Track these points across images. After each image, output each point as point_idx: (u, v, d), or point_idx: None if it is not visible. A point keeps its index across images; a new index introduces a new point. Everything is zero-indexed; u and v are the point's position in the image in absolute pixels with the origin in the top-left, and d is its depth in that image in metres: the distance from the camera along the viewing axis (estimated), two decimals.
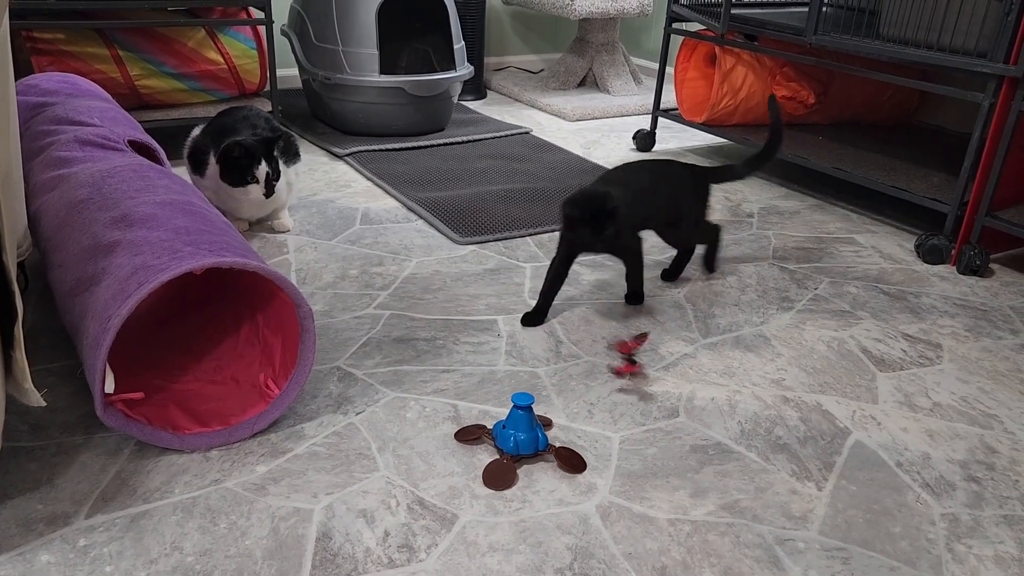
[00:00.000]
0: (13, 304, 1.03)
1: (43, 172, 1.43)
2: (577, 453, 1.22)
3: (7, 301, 1.04)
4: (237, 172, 1.77)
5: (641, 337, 1.43)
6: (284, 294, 1.23)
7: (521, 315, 1.62)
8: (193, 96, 2.45)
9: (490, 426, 1.26)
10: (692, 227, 1.75)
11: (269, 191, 1.80)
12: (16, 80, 1.68)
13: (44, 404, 1.06)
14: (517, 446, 1.19)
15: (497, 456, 1.21)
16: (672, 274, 1.83)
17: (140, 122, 2.24)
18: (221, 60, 2.44)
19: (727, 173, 1.78)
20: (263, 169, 1.76)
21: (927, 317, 1.72)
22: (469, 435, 1.25)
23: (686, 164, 1.72)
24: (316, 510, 1.09)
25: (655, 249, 1.96)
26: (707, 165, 1.74)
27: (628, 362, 1.41)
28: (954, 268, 1.97)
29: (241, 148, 1.76)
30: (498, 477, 1.16)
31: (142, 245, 1.16)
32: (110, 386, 1.11)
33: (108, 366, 1.09)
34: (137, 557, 1.00)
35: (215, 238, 1.21)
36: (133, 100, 2.35)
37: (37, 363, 1.37)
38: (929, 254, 1.99)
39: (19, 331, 1.02)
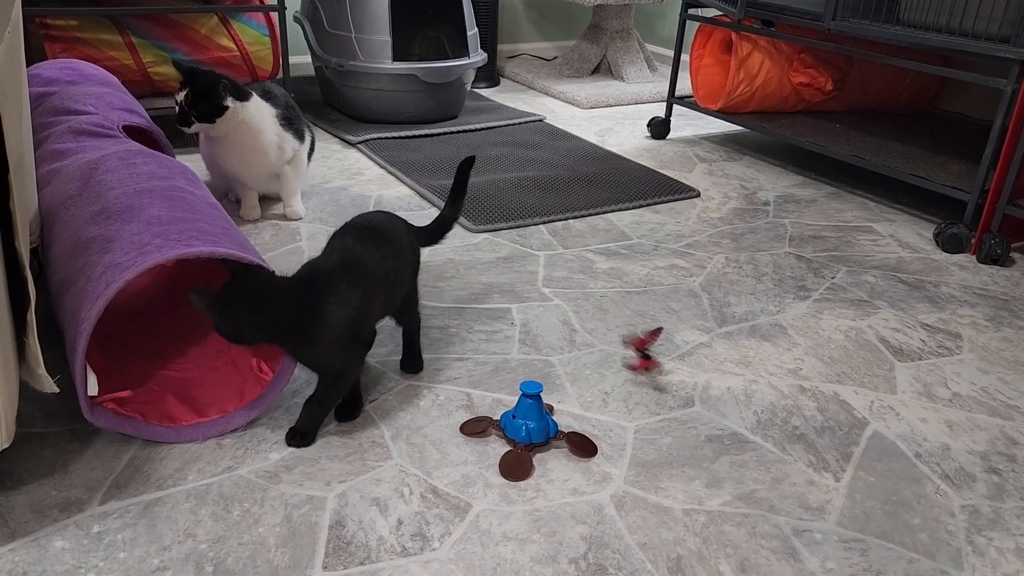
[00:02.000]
0: (26, 290, 1.03)
1: (40, 166, 1.42)
2: (587, 437, 1.22)
3: (20, 287, 1.04)
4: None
5: (656, 332, 1.41)
6: None
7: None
8: None
9: (495, 417, 1.25)
10: (415, 304, 1.38)
11: (179, 118, 1.74)
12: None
13: (57, 390, 1.06)
14: (529, 435, 1.18)
15: (510, 447, 1.20)
16: (413, 363, 1.40)
17: (152, 109, 2.24)
18: (234, 47, 2.44)
19: (428, 237, 1.39)
20: (181, 95, 1.72)
21: (946, 306, 1.69)
22: (476, 428, 1.23)
23: (402, 221, 1.32)
24: (329, 498, 1.09)
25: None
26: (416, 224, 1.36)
27: (643, 357, 1.39)
28: (974, 257, 1.94)
29: (185, 70, 1.74)
30: (515, 468, 1.15)
31: (113, 241, 1.14)
32: (93, 388, 1.10)
33: (89, 368, 1.09)
34: (150, 544, 1.00)
35: (188, 225, 1.18)
36: (146, 87, 2.35)
37: (50, 349, 1.37)
38: (948, 243, 1.96)
39: (32, 317, 1.02)
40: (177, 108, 1.74)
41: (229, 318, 1.09)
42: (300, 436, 1.19)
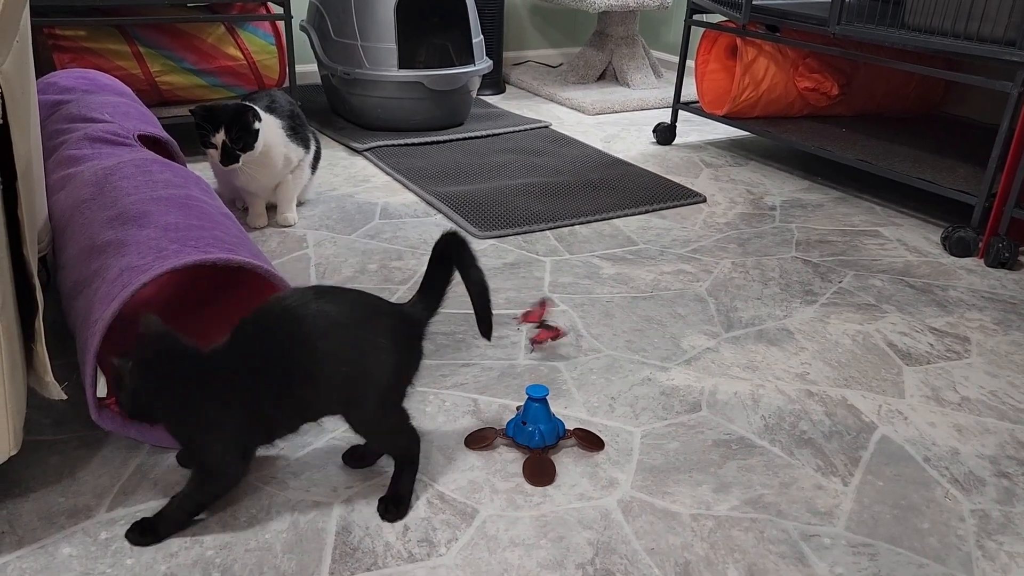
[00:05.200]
0: (34, 298, 1.03)
1: (54, 172, 1.43)
2: (592, 432, 1.22)
3: (28, 295, 1.05)
4: (201, 134, 1.79)
5: (542, 304, 1.27)
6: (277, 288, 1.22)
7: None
8: (213, 92, 2.46)
9: (500, 426, 1.24)
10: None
11: (225, 159, 1.78)
12: (37, 77, 1.68)
13: (65, 397, 1.07)
14: (543, 438, 1.18)
15: (525, 454, 1.19)
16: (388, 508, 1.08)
17: (160, 118, 2.25)
18: (240, 56, 2.45)
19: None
20: (219, 137, 1.75)
21: (954, 310, 1.69)
22: (481, 441, 1.22)
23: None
24: (336, 504, 1.09)
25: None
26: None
27: (543, 328, 1.27)
28: (982, 261, 1.93)
29: (204, 112, 1.76)
30: (539, 473, 1.14)
31: (129, 245, 1.15)
32: (102, 390, 1.10)
33: (100, 369, 1.09)
34: (158, 550, 1.00)
35: (204, 233, 1.19)
36: (153, 96, 2.36)
37: (58, 357, 1.38)
38: (956, 247, 1.96)
39: (40, 325, 1.03)
40: (219, 150, 1.77)
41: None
42: (149, 531, 1.02)
